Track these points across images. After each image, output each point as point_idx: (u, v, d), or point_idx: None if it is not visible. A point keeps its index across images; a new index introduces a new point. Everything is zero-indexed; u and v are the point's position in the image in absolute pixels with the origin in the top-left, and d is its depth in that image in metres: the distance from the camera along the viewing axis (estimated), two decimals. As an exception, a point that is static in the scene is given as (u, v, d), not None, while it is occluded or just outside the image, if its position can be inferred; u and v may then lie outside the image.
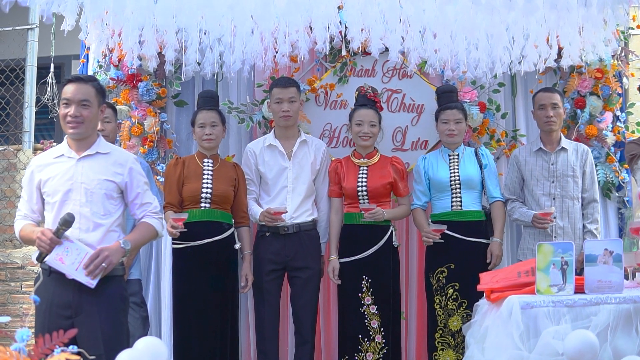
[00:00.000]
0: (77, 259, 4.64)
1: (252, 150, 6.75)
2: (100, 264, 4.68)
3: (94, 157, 5.00)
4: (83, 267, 4.66)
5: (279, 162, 6.68)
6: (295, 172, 6.66)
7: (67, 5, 5.86)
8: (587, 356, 3.93)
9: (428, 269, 6.65)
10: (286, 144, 6.71)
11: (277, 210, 6.40)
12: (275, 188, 6.66)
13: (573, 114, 7.34)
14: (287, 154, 6.67)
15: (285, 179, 6.66)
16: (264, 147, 6.72)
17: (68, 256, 4.63)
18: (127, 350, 3.25)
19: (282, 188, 6.65)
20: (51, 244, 4.68)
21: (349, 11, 6.43)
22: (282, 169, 6.66)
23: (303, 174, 6.68)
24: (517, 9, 5.87)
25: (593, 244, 4.71)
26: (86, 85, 5.01)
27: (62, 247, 4.63)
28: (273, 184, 6.68)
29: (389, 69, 7.34)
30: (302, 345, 6.53)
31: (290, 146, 6.70)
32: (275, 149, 6.69)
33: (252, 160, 6.71)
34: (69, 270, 4.67)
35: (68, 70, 11.68)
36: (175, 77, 7.24)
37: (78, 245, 4.68)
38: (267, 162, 6.68)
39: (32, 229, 4.95)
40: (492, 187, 6.69)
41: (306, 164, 6.70)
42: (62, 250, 4.63)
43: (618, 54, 7.44)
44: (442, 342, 6.49)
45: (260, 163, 6.69)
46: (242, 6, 6.22)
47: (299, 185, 6.65)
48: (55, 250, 4.64)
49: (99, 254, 4.70)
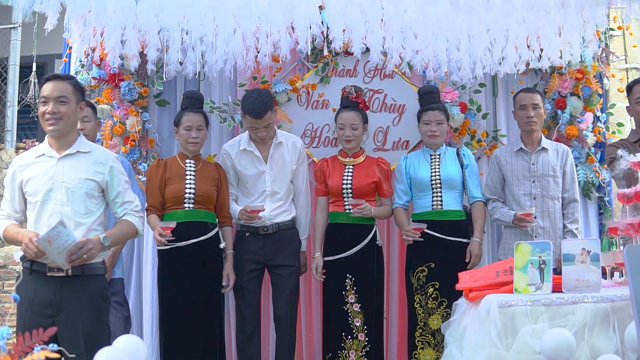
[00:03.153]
0: (63, 244, 4.65)
1: (227, 152, 6.72)
2: (82, 255, 4.70)
3: (75, 156, 5.02)
4: (67, 252, 4.67)
5: (255, 166, 6.66)
6: (273, 175, 6.65)
7: (49, 5, 5.86)
8: (564, 355, 3.95)
9: (408, 268, 6.67)
10: (262, 147, 6.68)
11: (254, 208, 6.40)
12: (254, 191, 6.66)
13: (554, 114, 7.38)
14: (263, 157, 6.66)
15: (263, 183, 6.65)
16: (239, 151, 6.69)
17: (57, 240, 4.64)
18: (106, 348, 3.26)
19: (260, 192, 6.64)
20: (38, 253, 4.70)
21: (331, 11, 6.45)
22: (259, 172, 6.65)
23: (281, 177, 6.68)
24: (496, 10, 5.91)
25: (571, 244, 4.72)
26: (63, 82, 5.04)
27: (56, 230, 4.63)
28: (251, 187, 6.67)
29: (370, 69, 7.36)
30: (283, 342, 6.55)
31: (266, 149, 6.68)
32: (252, 153, 6.67)
33: (229, 163, 6.69)
34: (51, 252, 4.67)
35: (51, 69, 11.64)
36: (157, 77, 7.25)
37: (69, 232, 4.69)
38: (244, 165, 6.67)
39: (17, 230, 4.96)
40: (473, 187, 6.72)
41: (283, 165, 6.69)
42: (55, 234, 4.63)
43: (599, 55, 7.47)
44: (422, 340, 6.51)
45: (238, 166, 6.68)
46: (224, 6, 6.24)
47: (277, 188, 6.65)
48: (48, 233, 4.64)
49: (84, 244, 4.72)
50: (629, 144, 6.19)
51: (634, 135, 6.34)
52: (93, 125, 6.54)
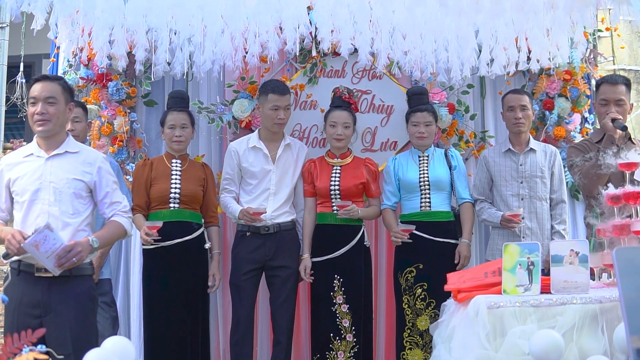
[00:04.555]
0: (51, 248, 4.65)
1: (236, 150, 6.74)
2: (71, 258, 4.70)
3: (63, 156, 5.02)
4: (55, 256, 4.66)
5: (262, 164, 6.69)
6: (279, 175, 6.69)
7: (37, 4, 5.83)
8: (552, 356, 3.94)
9: (397, 269, 6.68)
10: (270, 147, 6.73)
11: (256, 210, 6.41)
12: (257, 189, 6.68)
13: (542, 115, 7.40)
14: (272, 157, 6.69)
15: (269, 182, 6.68)
16: (247, 149, 6.72)
17: (44, 244, 4.63)
18: (94, 349, 3.25)
19: (264, 190, 6.67)
20: (19, 250, 4.69)
21: (319, 12, 6.44)
22: (266, 171, 6.68)
23: (286, 178, 6.72)
24: (485, 11, 5.91)
25: (559, 245, 4.74)
26: (52, 83, 5.06)
27: (42, 234, 4.63)
28: (256, 185, 6.69)
29: (358, 70, 7.36)
30: (279, 344, 6.55)
31: (275, 149, 6.73)
32: (260, 151, 6.71)
33: (235, 160, 6.71)
34: (40, 257, 4.67)
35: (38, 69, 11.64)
36: (145, 77, 7.22)
37: (56, 235, 4.69)
38: (251, 163, 6.69)
39: (1, 228, 4.94)
40: (461, 188, 6.73)
41: (289, 167, 6.74)
42: (41, 238, 4.63)
43: (587, 56, 7.49)
44: (410, 341, 6.52)
45: (244, 163, 6.69)
46: (212, 6, 6.22)
47: (282, 188, 6.69)
48: (34, 237, 4.63)
49: (72, 247, 4.72)
50: (591, 144, 6.20)
51: (597, 135, 6.32)
52: (84, 126, 6.53)
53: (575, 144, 6.65)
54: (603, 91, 6.23)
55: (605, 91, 6.20)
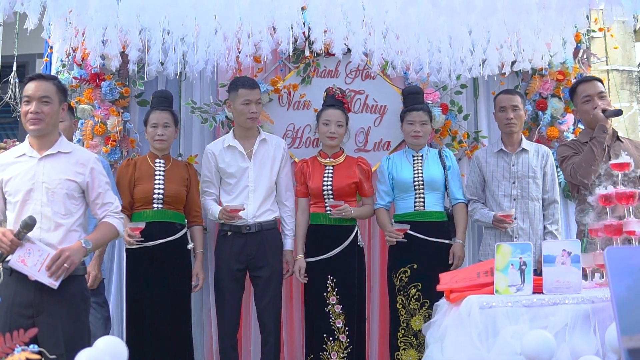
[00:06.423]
0: (39, 260, 4.63)
1: (212, 151, 6.73)
2: (62, 265, 4.68)
3: (56, 157, 5.00)
4: (45, 268, 4.65)
5: (239, 162, 6.67)
6: (256, 171, 6.66)
7: (30, 4, 5.83)
8: (544, 356, 3.94)
9: (391, 269, 6.68)
10: (246, 144, 6.71)
11: (234, 207, 6.40)
12: (237, 188, 6.66)
13: (535, 115, 7.41)
14: (247, 154, 6.68)
15: (247, 179, 6.66)
16: (223, 149, 6.71)
17: (30, 258, 4.62)
18: (86, 349, 3.24)
19: (243, 188, 6.65)
20: (12, 245, 4.67)
21: (312, 12, 6.44)
22: (243, 169, 6.66)
23: (264, 173, 6.69)
24: (477, 11, 5.92)
25: (551, 245, 4.73)
26: (47, 82, 5.04)
27: (24, 249, 4.62)
28: (235, 184, 6.67)
29: (352, 70, 7.37)
30: (267, 344, 6.53)
31: (250, 145, 6.71)
32: (235, 149, 6.69)
33: (212, 162, 6.71)
34: (32, 272, 4.66)
35: (32, 68, 11.60)
36: (139, 77, 7.23)
37: (40, 246, 4.68)
38: (228, 162, 6.67)
39: None
40: (455, 188, 6.74)
41: (267, 162, 6.71)
42: (24, 252, 4.62)
43: (580, 56, 7.50)
44: (404, 341, 6.52)
45: (221, 164, 6.68)
46: (206, 6, 6.23)
47: (260, 184, 6.66)
48: (17, 252, 4.63)
49: (60, 255, 4.70)
50: (579, 145, 6.23)
51: (584, 135, 6.34)
52: (68, 125, 6.47)
53: (565, 142, 6.68)
54: (583, 89, 6.29)
55: (585, 89, 6.29)
